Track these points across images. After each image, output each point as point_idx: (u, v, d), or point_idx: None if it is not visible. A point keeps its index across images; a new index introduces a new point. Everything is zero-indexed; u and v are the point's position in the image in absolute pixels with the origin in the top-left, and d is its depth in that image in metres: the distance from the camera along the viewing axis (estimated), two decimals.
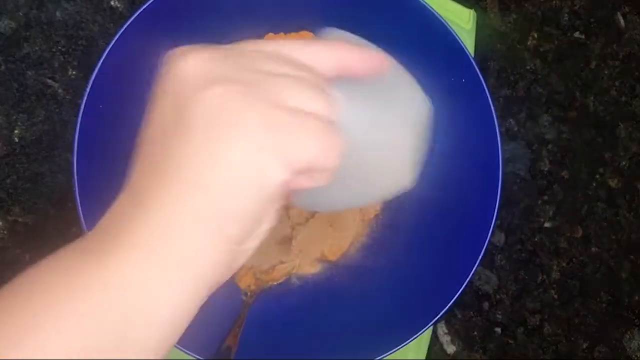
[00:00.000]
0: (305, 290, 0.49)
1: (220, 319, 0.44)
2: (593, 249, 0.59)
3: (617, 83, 0.62)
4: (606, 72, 0.62)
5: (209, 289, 0.23)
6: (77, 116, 0.39)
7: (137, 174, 0.24)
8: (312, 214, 0.47)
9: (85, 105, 0.39)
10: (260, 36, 0.47)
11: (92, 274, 0.21)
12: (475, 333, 0.56)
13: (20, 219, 0.50)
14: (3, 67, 0.51)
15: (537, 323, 0.57)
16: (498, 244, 0.57)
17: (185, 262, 0.22)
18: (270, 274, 0.47)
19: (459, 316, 0.56)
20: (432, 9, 0.44)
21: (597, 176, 0.60)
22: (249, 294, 0.46)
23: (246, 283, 0.46)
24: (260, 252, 0.49)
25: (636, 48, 0.63)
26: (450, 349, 0.55)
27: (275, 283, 0.47)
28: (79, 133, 0.39)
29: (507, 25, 0.61)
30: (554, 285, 0.58)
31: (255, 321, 0.46)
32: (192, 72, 0.23)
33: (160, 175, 0.22)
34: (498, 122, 0.44)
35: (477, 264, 0.43)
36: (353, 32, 0.47)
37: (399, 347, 0.42)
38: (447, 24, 0.44)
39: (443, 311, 0.42)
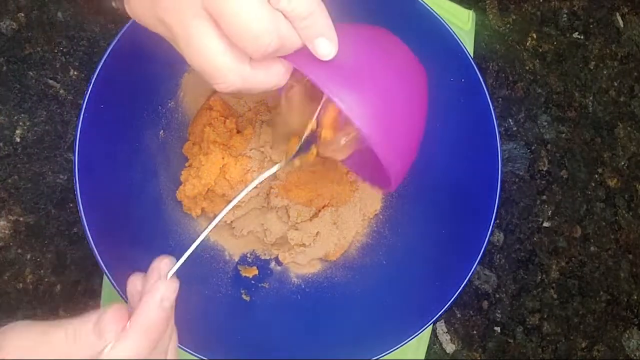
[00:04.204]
0: (306, 289, 0.49)
1: (220, 318, 0.44)
2: (592, 248, 0.59)
3: (615, 83, 0.62)
4: (605, 72, 0.62)
5: None
6: (78, 116, 0.39)
7: None
8: (316, 213, 0.47)
9: (86, 106, 0.39)
10: None
11: None
12: (475, 332, 0.56)
13: (21, 219, 0.50)
14: (5, 67, 0.51)
15: (537, 322, 0.57)
16: (497, 244, 0.58)
17: None
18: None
19: (459, 315, 0.56)
20: (432, 9, 0.44)
21: (596, 176, 0.61)
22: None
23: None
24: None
25: (635, 48, 0.63)
26: (450, 347, 0.55)
27: None
28: (80, 133, 0.39)
29: (506, 26, 0.61)
30: (553, 285, 0.58)
31: (255, 320, 0.46)
32: None
33: None
34: (497, 122, 0.44)
35: (476, 263, 0.43)
36: None
37: (398, 346, 0.42)
38: (447, 24, 0.44)
39: (442, 310, 0.43)
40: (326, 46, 0.28)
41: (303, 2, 0.26)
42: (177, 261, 0.32)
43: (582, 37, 0.62)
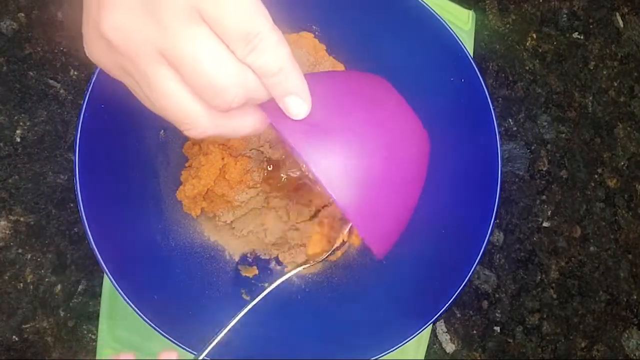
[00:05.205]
0: (306, 289, 0.49)
1: (220, 318, 0.44)
2: (592, 248, 0.60)
3: (615, 83, 0.62)
4: (605, 72, 0.62)
5: None
6: (78, 116, 0.39)
7: None
8: (315, 213, 0.47)
9: (86, 106, 0.39)
10: None
11: None
12: (474, 332, 0.56)
13: (22, 219, 0.50)
14: (5, 67, 0.51)
15: (536, 322, 0.57)
16: (497, 244, 0.58)
17: None
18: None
19: (458, 315, 0.56)
20: (432, 9, 0.44)
21: (596, 176, 0.61)
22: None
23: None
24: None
25: (635, 49, 0.63)
26: (450, 347, 0.55)
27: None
28: (81, 133, 0.39)
29: (506, 26, 0.61)
30: (553, 285, 0.58)
31: (255, 320, 0.46)
32: None
33: None
34: (497, 122, 0.44)
35: (476, 263, 0.43)
36: (354, 32, 0.48)
37: (398, 346, 0.42)
38: (447, 24, 0.44)
39: (442, 310, 0.43)
40: (297, 105, 0.26)
41: (272, 59, 0.24)
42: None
43: (582, 37, 0.62)
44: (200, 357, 0.31)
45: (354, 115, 0.28)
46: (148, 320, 0.40)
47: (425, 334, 0.52)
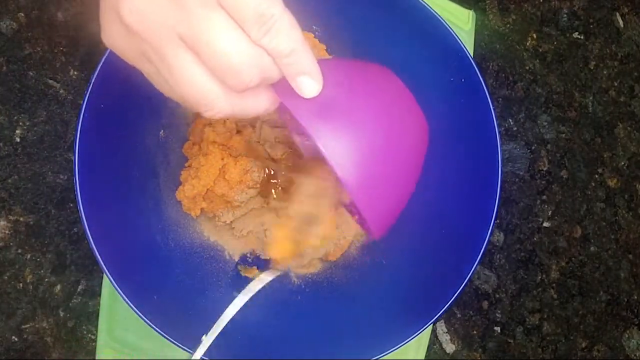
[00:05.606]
0: (306, 289, 0.49)
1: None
2: (592, 248, 0.59)
3: (615, 83, 0.62)
4: (605, 72, 0.62)
5: None
6: (78, 116, 0.39)
7: None
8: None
9: (86, 105, 0.39)
10: None
11: None
12: (475, 332, 0.56)
13: (21, 219, 0.50)
14: (5, 67, 0.51)
15: (536, 322, 0.57)
16: (497, 244, 0.58)
17: None
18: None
19: (459, 315, 0.56)
20: (432, 9, 0.44)
21: (596, 176, 0.61)
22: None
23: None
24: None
25: (635, 48, 0.63)
26: (450, 348, 0.55)
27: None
28: (80, 133, 0.39)
29: (506, 26, 0.61)
30: (553, 285, 0.58)
31: (255, 320, 0.46)
32: None
33: None
34: (497, 122, 0.44)
35: (476, 264, 0.43)
36: (354, 32, 0.48)
37: (398, 346, 0.42)
38: (447, 24, 0.44)
39: (442, 310, 0.43)
40: (309, 85, 0.27)
41: (285, 40, 0.25)
42: None
43: (582, 37, 0.62)
44: (198, 357, 0.31)
45: (361, 99, 0.30)
46: (148, 321, 0.40)
47: (425, 334, 0.52)
